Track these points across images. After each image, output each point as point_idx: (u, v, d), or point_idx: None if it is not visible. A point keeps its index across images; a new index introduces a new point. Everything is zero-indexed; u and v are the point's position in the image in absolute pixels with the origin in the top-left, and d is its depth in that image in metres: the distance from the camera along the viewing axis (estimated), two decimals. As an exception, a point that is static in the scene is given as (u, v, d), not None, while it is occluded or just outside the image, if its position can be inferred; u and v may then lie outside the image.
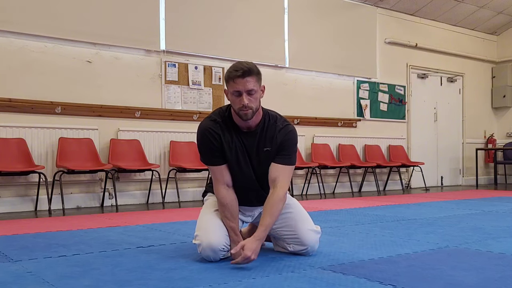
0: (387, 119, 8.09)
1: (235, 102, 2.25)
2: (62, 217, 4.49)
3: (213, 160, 2.36)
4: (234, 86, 2.22)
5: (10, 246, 2.81)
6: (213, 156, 2.35)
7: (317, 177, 6.78)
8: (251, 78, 2.21)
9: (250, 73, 2.21)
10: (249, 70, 2.21)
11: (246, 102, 2.21)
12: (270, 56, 6.74)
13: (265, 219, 2.28)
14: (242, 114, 2.24)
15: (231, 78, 2.22)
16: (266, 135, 2.36)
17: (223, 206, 2.35)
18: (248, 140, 2.35)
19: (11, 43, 5.06)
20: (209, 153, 2.34)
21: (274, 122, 2.39)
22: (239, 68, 2.20)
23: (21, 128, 5.03)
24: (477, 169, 8.97)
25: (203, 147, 2.35)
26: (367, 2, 7.79)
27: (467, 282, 1.94)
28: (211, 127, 2.33)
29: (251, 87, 2.21)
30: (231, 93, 2.25)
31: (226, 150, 2.33)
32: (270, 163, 2.37)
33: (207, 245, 2.28)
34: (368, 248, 2.66)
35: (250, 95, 2.22)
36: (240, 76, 2.19)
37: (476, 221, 3.82)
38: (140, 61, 5.80)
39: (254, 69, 2.23)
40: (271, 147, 2.36)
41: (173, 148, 5.85)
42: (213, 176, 2.40)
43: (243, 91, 2.21)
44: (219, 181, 2.36)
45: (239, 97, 2.23)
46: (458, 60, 9.14)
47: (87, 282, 1.98)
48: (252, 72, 2.21)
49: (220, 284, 1.92)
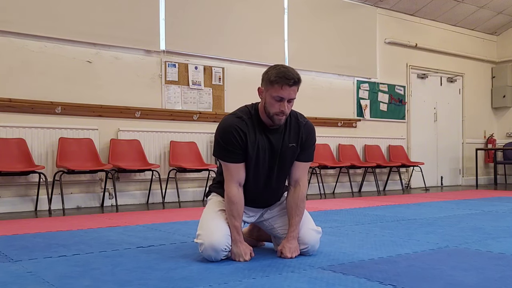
0: (387, 119, 8.09)
1: (273, 106, 2.26)
2: (62, 217, 4.49)
3: (233, 158, 2.32)
4: (280, 92, 2.23)
5: (10, 246, 2.81)
6: (233, 154, 2.31)
7: (317, 177, 6.79)
8: (296, 88, 2.27)
9: (298, 83, 2.26)
10: (299, 80, 2.25)
11: (286, 109, 2.26)
12: (270, 56, 6.73)
13: (294, 219, 2.39)
14: (277, 119, 2.28)
15: (279, 84, 2.22)
16: (291, 132, 2.40)
17: (232, 204, 2.33)
18: (274, 137, 2.36)
19: (11, 43, 5.06)
20: (230, 149, 2.31)
21: (295, 118, 2.43)
22: (290, 77, 2.22)
23: (21, 128, 5.03)
24: (477, 169, 8.97)
25: (225, 143, 2.31)
26: (367, 2, 7.79)
27: (467, 282, 1.94)
28: (237, 124, 2.31)
29: (294, 96, 2.27)
30: (271, 97, 2.25)
31: (249, 148, 2.32)
32: (292, 161, 2.43)
33: (209, 245, 2.27)
34: (368, 248, 2.66)
35: (289, 103, 2.28)
36: (290, 85, 2.23)
37: (476, 221, 3.83)
38: (140, 61, 5.80)
39: (300, 80, 2.27)
40: (296, 143, 2.40)
41: (173, 148, 5.85)
42: (228, 173, 2.35)
43: (287, 98, 2.25)
44: (233, 179, 2.34)
45: (279, 102, 2.25)
46: (458, 60, 9.14)
47: (87, 282, 1.98)
48: (300, 82, 2.27)
49: (220, 284, 1.92)
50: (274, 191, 2.50)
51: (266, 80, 2.27)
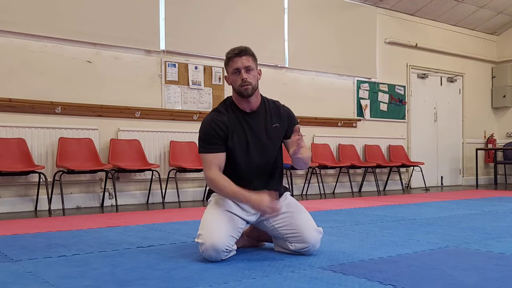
0: (387, 119, 8.09)
1: (235, 81, 2.41)
2: (62, 217, 4.49)
3: (214, 148, 2.42)
4: (233, 65, 2.40)
5: (10, 246, 2.81)
6: (215, 145, 2.42)
7: (317, 177, 6.79)
8: (248, 57, 2.42)
9: (246, 52, 2.42)
10: (245, 49, 2.43)
11: (245, 76, 2.38)
12: (270, 56, 6.74)
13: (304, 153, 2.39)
14: (243, 89, 2.39)
15: (229, 59, 2.41)
16: (271, 112, 2.52)
17: (218, 181, 2.37)
18: (254, 120, 2.48)
19: (11, 43, 5.06)
20: (208, 139, 2.42)
21: (273, 102, 2.58)
22: (235, 48, 2.42)
23: (21, 128, 5.03)
24: (477, 169, 8.97)
25: (205, 135, 2.43)
26: (367, 2, 7.79)
27: (467, 282, 1.94)
28: (215, 117, 2.45)
29: (248, 64, 2.41)
30: (231, 73, 2.42)
31: (231, 136, 2.42)
32: (279, 140, 2.53)
33: (210, 245, 2.27)
34: (368, 248, 2.66)
35: (248, 72, 2.40)
36: (237, 54, 2.40)
37: (476, 221, 3.83)
38: (140, 61, 5.80)
39: (249, 49, 2.45)
40: (279, 123, 2.50)
41: (173, 148, 5.85)
42: (207, 163, 2.42)
43: (242, 67, 2.39)
44: (213, 165, 2.41)
45: (238, 74, 2.40)
46: (458, 60, 9.14)
47: (87, 282, 1.98)
48: (248, 51, 2.43)
49: (220, 284, 1.92)
50: (269, 174, 2.52)
51: (224, 65, 2.48)
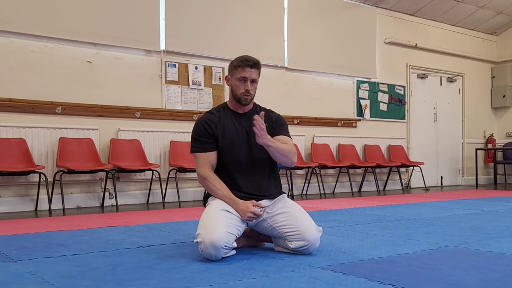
0: (387, 119, 8.09)
1: (239, 87, 2.55)
2: (62, 217, 4.49)
3: (205, 147, 2.55)
4: (243, 73, 2.54)
5: (10, 246, 2.81)
6: (205, 144, 2.55)
7: (317, 177, 6.79)
8: (257, 71, 2.59)
9: (257, 66, 2.58)
10: (258, 62, 2.59)
11: (250, 88, 2.54)
12: (270, 56, 6.74)
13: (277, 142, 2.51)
14: (243, 98, 2.56)
15: (241, 66, 2.54)
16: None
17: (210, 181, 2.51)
18: (245, 120, 2.60)
19: (11, 43, 5.06)
20: (200, 139, 2.55)
21: (265, 109, 2.71)
22: (250, 60, 2.56)
23: (21, 128, 5.03)
24: (477, 169, 8.97)
25: (196, 135, 2.57)
26: (367, 2, 7.79)
27: (467, 282, 1.94)
28: (207, 118, 2.60)
29: (255, 77, 2.58)
30: (236, 79, 2.55)
31: (222, 135, 2.54)
32: None
33: (209, 242, 2.27)
34: (368, 248, 2.66)
35: (252, 84, 2.57)
36: (250, 66, 2.54)
37: (476, 221, 3.83)
38: (140, 61, 5.80)
39: (260, 63, 2.61)
40: (268, 123, 2.61)
41: (173, 148, 5.85)
42: (199, 162, 2.55)
43: (249, 78, 2.55)
44: (205, 164, 2.54)
45: (244, 83, 2.54)
46: (458, 60, 9.14)
47: (87, 282, 1.98)
48: (259, 65, 2.60)
49: (220, 284, 1.92)
50: (262, 172, 2.59)
51: (231, 67, 2.60)
